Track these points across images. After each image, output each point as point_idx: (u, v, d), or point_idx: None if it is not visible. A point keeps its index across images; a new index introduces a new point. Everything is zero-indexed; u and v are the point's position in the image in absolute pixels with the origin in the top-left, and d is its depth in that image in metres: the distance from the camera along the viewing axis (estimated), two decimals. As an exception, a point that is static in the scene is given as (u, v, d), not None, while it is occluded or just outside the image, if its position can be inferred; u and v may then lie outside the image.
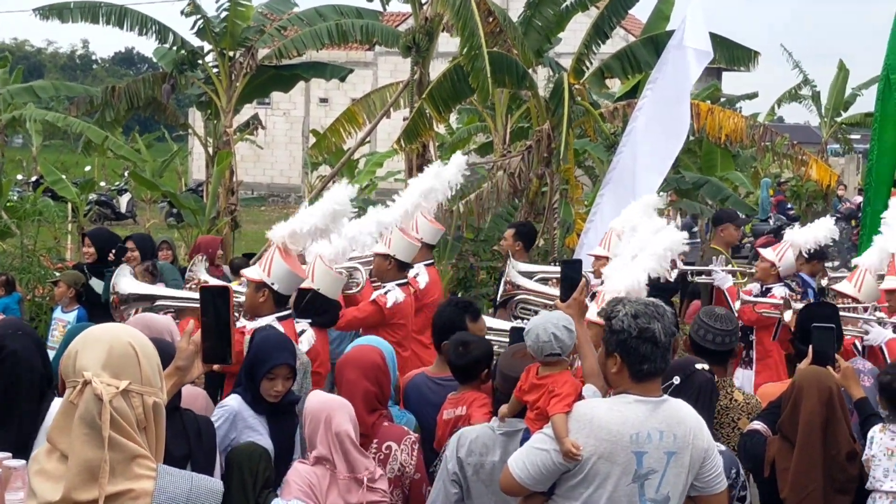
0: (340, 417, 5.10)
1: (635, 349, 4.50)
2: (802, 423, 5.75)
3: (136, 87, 20.60)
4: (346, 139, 20.85)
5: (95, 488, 2.96)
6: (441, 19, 16.58)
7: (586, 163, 23.33)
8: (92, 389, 3.00)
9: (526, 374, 4.95)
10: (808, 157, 18.21)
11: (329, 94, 44.92)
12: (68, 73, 78.67)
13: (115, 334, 3.17)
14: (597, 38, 16.37)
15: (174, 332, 6.27)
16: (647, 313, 4.53)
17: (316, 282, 7.51)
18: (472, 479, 5.15)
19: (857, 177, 36.55)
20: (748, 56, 17.07)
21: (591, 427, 4.49)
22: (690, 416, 4.65)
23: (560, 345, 4.93)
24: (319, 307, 7.44)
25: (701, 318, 6.45)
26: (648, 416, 4.48)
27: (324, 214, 7.28)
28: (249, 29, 20.04)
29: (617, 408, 4.53)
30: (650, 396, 4.52)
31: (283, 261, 6.99)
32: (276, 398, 5.58)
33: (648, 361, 4.49)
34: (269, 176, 46.88)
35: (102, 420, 2.96)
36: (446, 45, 21.58)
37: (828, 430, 5.75)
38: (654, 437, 4.46)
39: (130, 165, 29.58)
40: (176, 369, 4.21)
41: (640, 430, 4.45)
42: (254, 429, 5.48)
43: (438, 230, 9.96)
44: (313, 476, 5.02)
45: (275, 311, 6.91)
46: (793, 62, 40.05)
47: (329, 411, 5.10)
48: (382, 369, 5.68)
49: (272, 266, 6.97)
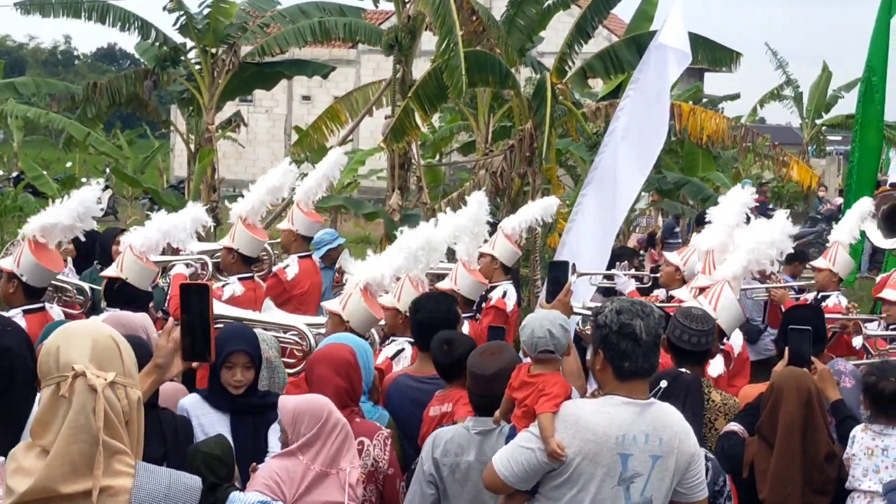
0: (338, 415, 5.10)
1: (616, 345, 4.49)
2: (781, 425, 5.76)
3: (118, 83, 20.57)
4: (328, 137, 20.85)
5: (78, 482, 2.96)
6: (423, 18, 16.59)
7: (568, 162, 23.35)
8: (85, 381, 3.00)
9: (517, 372, 4.95)
10: (789, 158, 18.28)
11: (311, 92, 44.88)
12: (50, 69, 78.43)
13: (97, 329, 3.19)
14: (579, 37, 16.37)
15: (149, 328, 6.26)
16: (630, 310, 4.52)
17: (124, 271, 7.66)
18: (447, 479, 5.15)
19: (838, 178, 36.70)
20: (730, 57, 17.11)
21: (577, 427, 4.48)
22: (677, 421, 4.63)
23: (554, 342, 4.93)
24: (127, 296, 7.54)
25: (677, 319, 6.41)
26: (635, 418, 4.47)
27: (70, 213, 7.63)
28: (232, 26, 20.01)
29: (604, 409, 4.52)
30: (637, 398, 4.51)
31: (32, 254, 7.30)
32: (237, 388, 5.58)
33: (629, 359, 4.48)
34: (251, 173, 46.56)
35: (96, 412, 2.97)
36: (429, 44, 21.57)
37: (807, 432, 5.76)
38: (639, 440, 4.45)
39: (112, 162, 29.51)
40: (155, 367, 4.19)
41: (626, 433, 4.44)
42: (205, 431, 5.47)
43: (315, 223, 10.10)
44: (283, 470, 4.98)
45: (25, 304, 7.27)
46: (776, 62, 40.14)
47: (328, 408, 5.09)
48: (353, 366, 5.66)
49: (21, 258, 7.31)
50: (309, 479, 4.93)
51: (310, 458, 5.00)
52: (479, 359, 5.23)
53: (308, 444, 5.01)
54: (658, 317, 4.53)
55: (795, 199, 34.46)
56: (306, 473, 4.96)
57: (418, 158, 19.54)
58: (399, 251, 7.65)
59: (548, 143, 14.84)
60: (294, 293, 9.27)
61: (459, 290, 8.75)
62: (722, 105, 36.88)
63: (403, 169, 17.38)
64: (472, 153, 21.42)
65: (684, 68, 11.28)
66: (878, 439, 5.82)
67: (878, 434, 5.84)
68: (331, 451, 5.01)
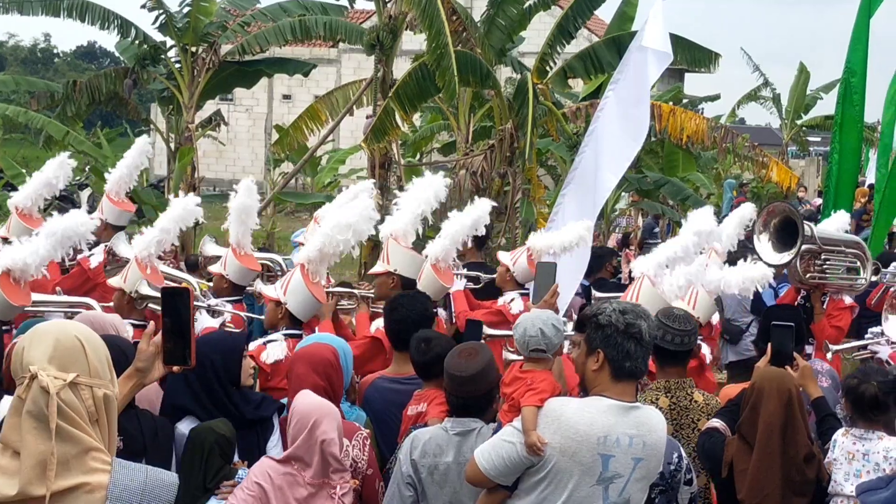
0: (328, 425, 5.07)
1: (620, 345, 4.52)
2: (761, 425, 5.76)
3: (97, 81, 20.48)
4: (308, 136, 20.85)
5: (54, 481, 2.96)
6: (405, 17, 16.60)
7: (549, 162, 23.40)
8: (38, 383, 2.99)
9: (510, 369, 4.99)
10: (769, 159, 18.34)
11: (292, 91, 44.87)
12: (29, 67, 78.01)
13: (62, 329, 3.17)
14: (561, 38, 16.40)
15: (118, 327, 6.24)
16: (634, 311, 4.57)
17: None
18: (426, 480, 5.15)
19: (818, 179, 36.83)
20: (709, 57, 17.19)
21: (559, 424, 4.50)
22: (663, 428, 4.67)
23: (546, 341, 4.96)
24: None
25: (660, 320, 6.43)
26: (619, 419, 4.49)
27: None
28: (212, 24, 19.95)
29: (588, 408, 4.54)
30: (624, 400, 4.53)
31: None
32: None
33: (631, 359, 4.51)
34: (232, 172, 46.62)
35: (49, 412, 2.96)
36: (410, 43, 21.61)
37: (786, 432, 5.76)
38: (622, 442, 4.48)
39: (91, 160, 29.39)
40: (136, 371, 4.19)
41: (608, 434, 4.46)
42: None
43: (124, 212, 10.09)
44: (274, 475, 4.98)
45: None
46: (752, 65, 40.33)
47: (318, 416, 5.07)
48: (334, 366, 5.65)
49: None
50: (299, 495, 4.94)
51: (300, 469, 5.01)
52: (455, 360, 5.23)
53: (298, 454, 5.01)
54: (654, 320, 4.56)
55: (775, 200, 34.53)
56: (295, 486, 4.96)
57: (399, 158, 19.54)
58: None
59: (528, 143, 14.86)
60: (98, 281, 9.11)
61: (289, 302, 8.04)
62: (702, 106, 37.00)
63: (384, 168, 17.39)
64: (453, 153, 21.43)
65: (664, 69, 11.32)
66: (858, 444, 5.83)
67: (859, 439, 5.84)
68: (320, 462, 5.01)
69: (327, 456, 5.00)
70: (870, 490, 3.32)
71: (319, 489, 4.99)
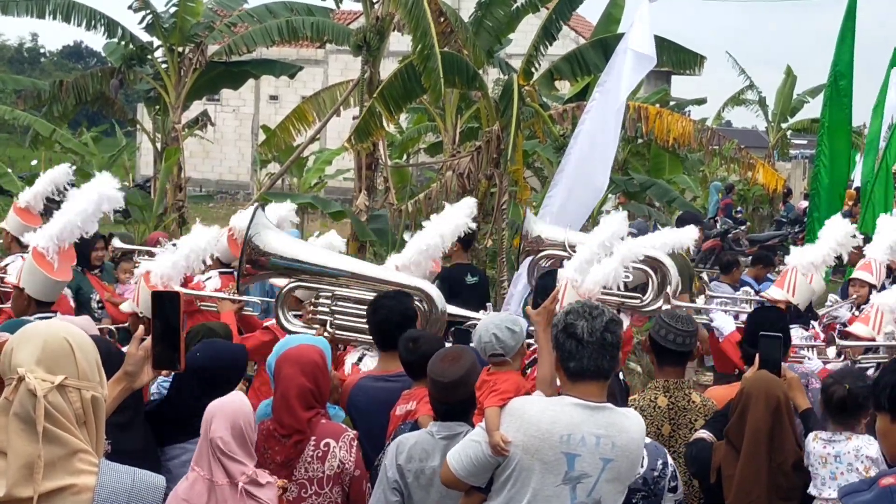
0: (217, 423, 4.91)
1: (563, 344, 4.54)
2: (748, 431, 5.77)
3: (84, 81, 20.47)
4: (295, 137, 20.85)
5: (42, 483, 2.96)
6: (392, 18, 16.60)
7: (535, 164, 23.43)
8: (25, 385, 2.99)
9: (481, 374, 5.04)
10: (755, 162, 18.39)
11: (279, 92, 44.78)
12: (16, 66, 77.73)
13: (51, 330, 3.17)
14: (545, 39, 16.43)
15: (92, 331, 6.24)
16: (578, 311, 4.57)
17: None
18: (412, 485, 5.14)
19: (804, 182, 36.91)
20: (694, 60, 17.23)
21: (521, 422, 4.52)
22: (638, 431, 4.65)
23: (501, 345, 5.02)
24: None
25: (662, 318, 6.47)
26: (584, 419, 4.48)
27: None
28: (199, 25, 19.95)
29: (551, 407, 4.55)
30: (588, 400, 4.52)
31: None
32: None
33: (574, 359, 4.50)
34: (218, 173, 46.61)
35: (37, 415, 2.96)
36: (397, 45, 21.59)
37: (774, 439, 5.77)
38: (588, 442, 4.46)
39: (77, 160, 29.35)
40: (125, 374, 4.18)
41: (572, 433, 4.45)
42: None
43: None
44: (189, 495, 4.89)
45: None
46: (738, 69, 40.39)
47: (212, 416, 4.99)
48: (321, 367, 5.64)
49: None
50: (221, 498, 4.85)
51: (206, 471, 4.89)
52: (438, 365, 5.22)
53: (199, 455, 4.94)
54: (608, 320, 4.54)
55: (761, 202, 34.65)
56: (211, 491, 4.86)
57: (385, 159, 19.54)
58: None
59: (514, 144, 14.87)
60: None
61: None
62: (689, 108, 37.07)
63: (370, 169, 17.38)
64: (440, 154, 21.45)
65: (647, 71, 11.37)
66: (828, 447, 5.84)
67: (828, 442, 5.85)
68: (214, 462, 4.90)
69: (218, 455, 4.88)
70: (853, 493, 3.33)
71: (233, 490, 4.88)
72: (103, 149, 34.04)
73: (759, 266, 13.64)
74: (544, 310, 5.54)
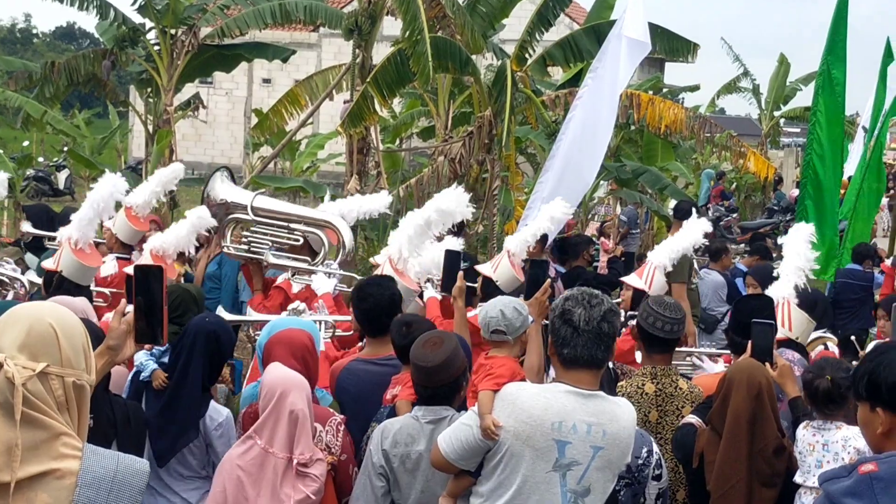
0: (296, 396, 5.11)
1: (557, 330, 4.54)
2: (730, 416, 5.79)
3: (76, 62, 20.35)
4: (288, 120, 20.83)
5: (21, 468, 2.94)
6: (384, 2, 16.57)
7: (527, 150, 23.42)
8: (4, 373, 2.97)
9: (478, 358, 5.05)
10: (747, 150, 18.40)
11: (272, 75, 44.68)
12: (8, 47, 77.51)
13: (37, 314, 3.10)
14: (540, 25, 16.42)
15: (89, 312, 6.22)
16: (576, 298, 4.56)
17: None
18: (398, 470, 5.13)
19: (796, 170, 36.93)
20: (688, 47, 17.23)
21: (513, 408, 4.52)
22: (629, 420, 4.65)
23: (506, 322, 5.02)
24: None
25: (650, 306, 6.48)
26: (576, 407, 4.48)
27: None
28: (191, 7, 19.86)
29: (544, 394, 4.55)
30: (581, 388, 4.52)
31: None
32: None
33: (568, 346, 4.50)
34: (210, 155, 46.51)
35: (14, 402, 2.93)
36: (390, 29, 21.56)
37: (755, 424, 5.78)
38: (580, 429, 4.47)
39: (69, 141, 29.28)
40: (107, 349, 4.14)
41: (564, 420, 4.45)
42: None
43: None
44: (242, 463, 5.00)
45: None
46: (733, 55, 40.37)
47: (285, 387, 5.11)
48: (311, 351, 5.67)
49: None
50: (273, 470, 4.97)
51: (266, 441, 5.03)
52: (420, 350, 5.20)
53: (264, 426, 5.05)
54: (606, 310, 4.54)
55: (753, 190, 34.68)
56: (266, 461, 4.98)
57: (377, 143, 19.52)
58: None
59: (507, 130, 14.87)
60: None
61: None
62: (682, 96, 37.06)
63: (362, 153, 17.37)
64: (432, 139, 21.42)
65: (641, 59, 11.36)
66: (817, 435, 5.87)
67: (818, 430, 5.88)
68: (286, 435, 5.03)
69: (295, 427, 5.02)
70: (832, 479, 3.34)
71: (288, 466, 5.01)
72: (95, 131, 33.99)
73: (755, 257, 13.68)
74: (536, 301, 5.56)
